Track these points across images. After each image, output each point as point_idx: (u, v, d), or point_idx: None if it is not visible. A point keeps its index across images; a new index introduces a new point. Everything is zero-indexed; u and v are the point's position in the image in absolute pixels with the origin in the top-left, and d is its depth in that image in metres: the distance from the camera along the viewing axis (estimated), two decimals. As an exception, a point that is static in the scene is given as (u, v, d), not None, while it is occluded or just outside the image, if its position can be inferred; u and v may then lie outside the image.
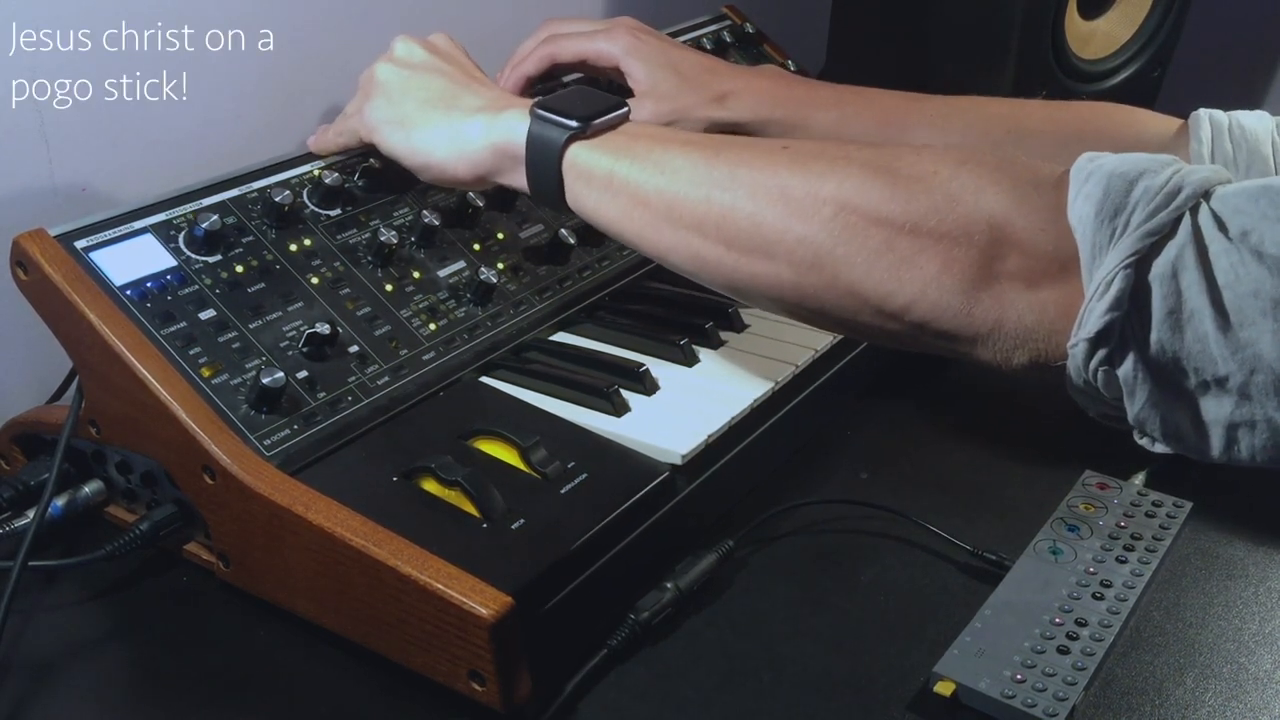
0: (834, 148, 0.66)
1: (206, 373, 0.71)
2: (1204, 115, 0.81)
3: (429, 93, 0.79)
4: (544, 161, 0.72)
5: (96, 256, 0.72)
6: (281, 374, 0.71)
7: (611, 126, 0.72)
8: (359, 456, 0.71)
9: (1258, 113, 0.80)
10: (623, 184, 0.69)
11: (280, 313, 0.76)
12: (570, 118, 0.71)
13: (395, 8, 1.09)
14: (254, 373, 0.71)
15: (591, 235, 0.94)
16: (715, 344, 0.86)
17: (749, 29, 1.23)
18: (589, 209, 0.72)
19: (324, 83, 1.05)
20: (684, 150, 0.69)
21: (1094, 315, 0.54)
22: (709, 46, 1.18)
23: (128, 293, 0.72)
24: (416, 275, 0.83)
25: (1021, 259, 0.58)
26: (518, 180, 0.75)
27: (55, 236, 0.72)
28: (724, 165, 0.67)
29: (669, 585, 0.68)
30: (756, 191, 0.65)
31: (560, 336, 0.88)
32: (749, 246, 0.65)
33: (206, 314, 0.73)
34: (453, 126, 0.76)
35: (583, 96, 0.74)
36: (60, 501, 0.75)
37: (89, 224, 0.74)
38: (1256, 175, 0.76)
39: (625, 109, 0.74)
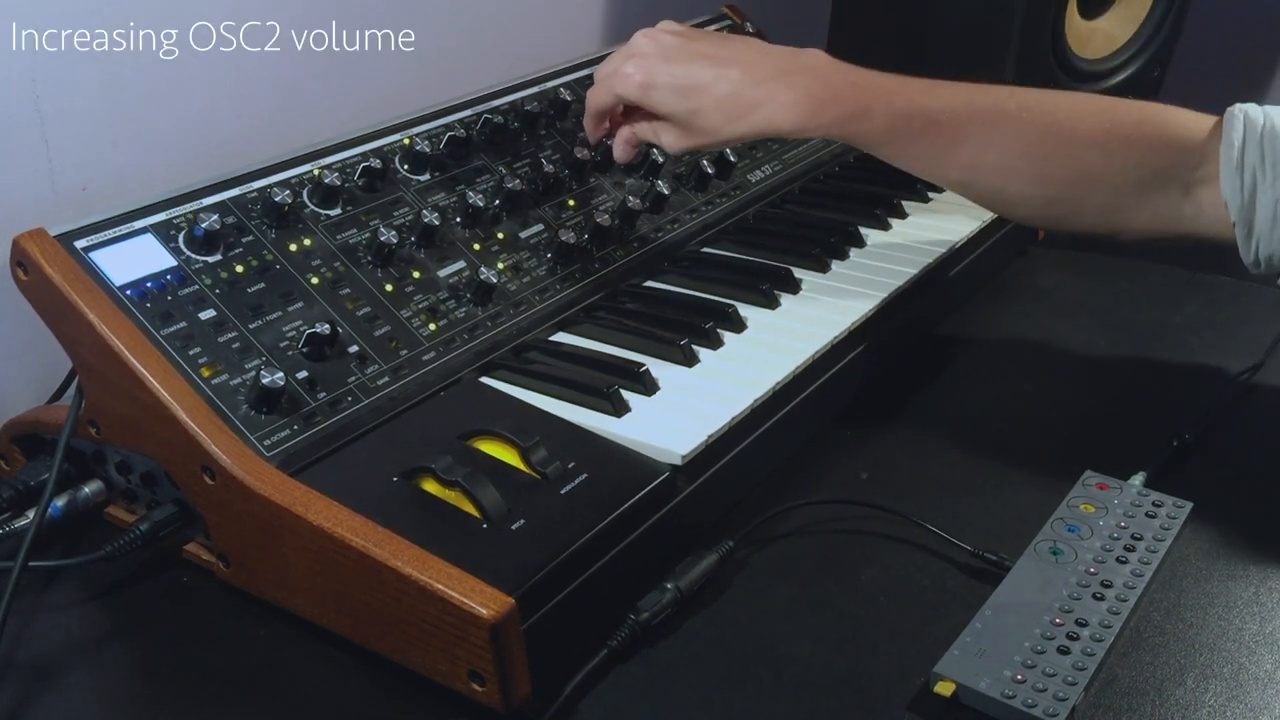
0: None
1: (206, 373, 0.71)
2: (1239, 118, 0.81)
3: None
4: None
5: (96, 256, 0.73)
6: (281, 374, 0.71)
7: None
8: (359, 456, 0.71)
9: None
10: None
11: (280, 313, 0.76)
12: None
13: (393, 6, 1.09)
14: (254, 373, 0.71)
15: (591, 235, 0.94)
16: (715, 344, 0.86)
17: (749, 29, 1.23)
18: None
19: (324, 82, 1.05)
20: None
21: None
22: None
23: (128, 293, 0.72)
24: (416, 275, 0.83)
25: None
26: None
27: (55, 236, 0.72)
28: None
29: (669, 585, 0.68)
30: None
31: (560, 336, 0.88)
32: None
33: (206, 314, 0.73)
34: None
35: None
36: (60, 501, 0.75)
37: (89, 224, 0.74)
38: None
39: None
